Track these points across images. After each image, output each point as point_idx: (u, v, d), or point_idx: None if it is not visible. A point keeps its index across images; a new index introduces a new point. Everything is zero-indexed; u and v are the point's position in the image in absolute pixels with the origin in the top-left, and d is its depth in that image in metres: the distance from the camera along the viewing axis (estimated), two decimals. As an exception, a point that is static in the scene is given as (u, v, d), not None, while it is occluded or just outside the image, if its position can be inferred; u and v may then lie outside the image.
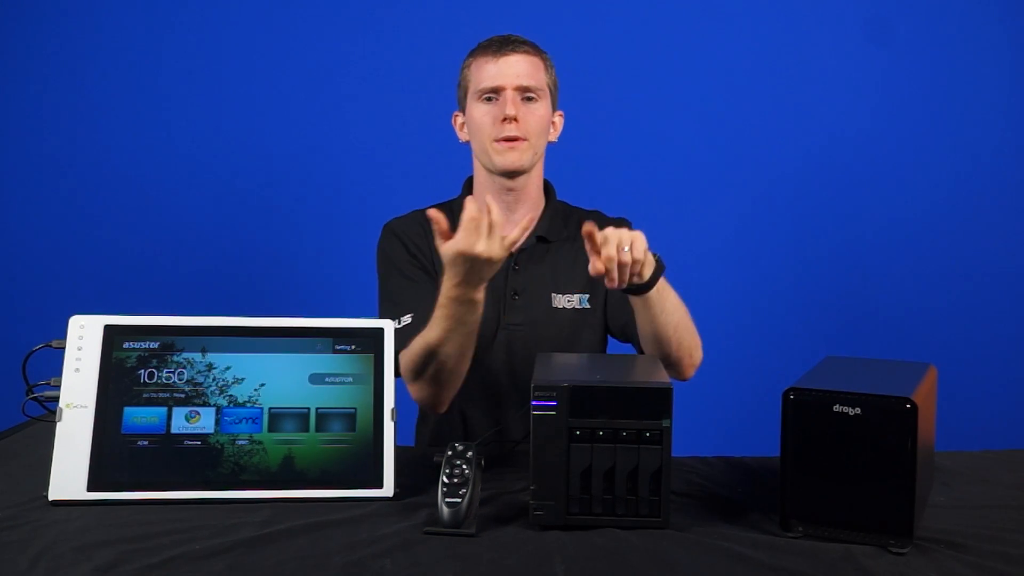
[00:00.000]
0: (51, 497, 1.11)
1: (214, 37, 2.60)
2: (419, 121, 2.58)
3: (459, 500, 1.03)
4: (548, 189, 1.65)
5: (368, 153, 2.61)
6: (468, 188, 1.63)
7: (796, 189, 2.71)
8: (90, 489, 1.12)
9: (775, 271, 2.68)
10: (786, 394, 1.04)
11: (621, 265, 1.19)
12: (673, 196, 2.65)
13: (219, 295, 2.55)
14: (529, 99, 1.51)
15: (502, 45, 1.52)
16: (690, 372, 1.45)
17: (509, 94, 1.49)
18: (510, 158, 1.51)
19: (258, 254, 2.63)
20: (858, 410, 1.00)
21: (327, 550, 0.97)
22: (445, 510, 1.03)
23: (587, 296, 1.58)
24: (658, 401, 1.04)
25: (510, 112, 1.48)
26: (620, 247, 1.19)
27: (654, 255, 1.28)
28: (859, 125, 2.69)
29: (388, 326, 1.23)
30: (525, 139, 1.50)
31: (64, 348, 1.17)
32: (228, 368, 1.18)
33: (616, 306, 1.56)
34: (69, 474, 1.12)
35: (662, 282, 1.31)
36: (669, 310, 1.35)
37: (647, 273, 1.26)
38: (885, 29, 2.66)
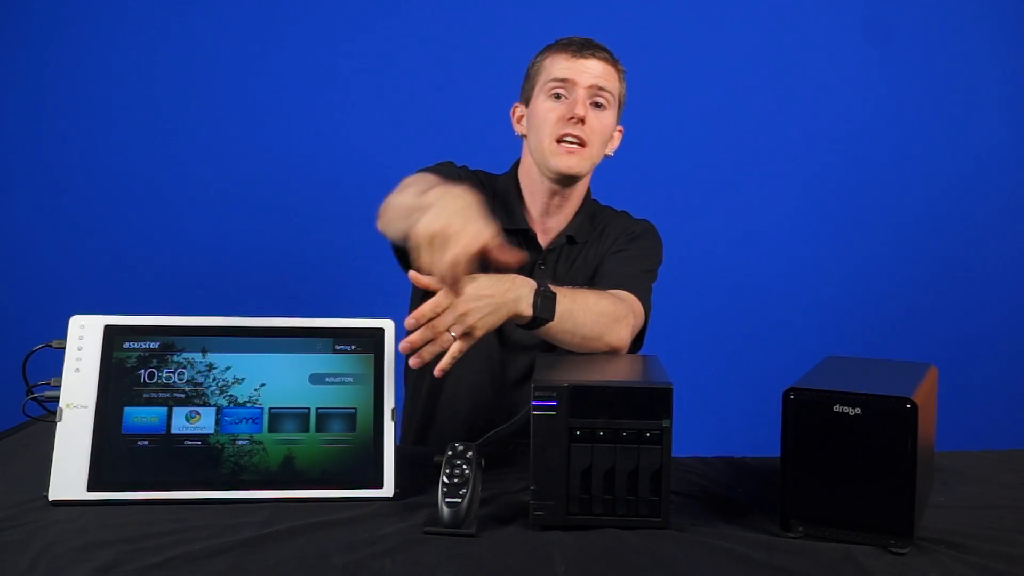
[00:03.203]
0: (51, 497, 1.11)
1: (213, 37, 2.60)
2: (422, 120, 2.59)
3: (459, 500, 1.03)
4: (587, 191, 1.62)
5: (369, 152, 2.61)
6: (514, 171, 1.59)
7: (796, 189, 2.71)
8: (90, 489, 1.12)
9: (776, 271, 2.69)
10: (786, 394, 1.04)
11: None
12: (673, 196, 2.65)
13: (219, 295, 2.55)
14: (598, 105, 1.47)
15: (582, 47, 1.47)
16: (623, 347, 1.35)
17: (581, 93, 1.45)
18: (568, 161, 1.46)
19: (258, 254, 2.63)
20: (858, 410, 1.00)
21: (327, 550, 0.97)
22: (445, 510, 1.03)
23: None
24: (658, 401, 1.04)
25: (579, 112, 1.43)
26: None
27: (541, 291, 1.21)
28: (859, 126, 2.70)
29: (388, 326, 1.23)
30: (587, 144, 1.46)
31: (64, 348, 1.16)
32: (228, 368, 1.18)
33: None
34: (69, 474, 1.12)
35: (563, 307, 1.23)
36: (580, 325, 1.27)
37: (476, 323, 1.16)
38: (885, 29, 2.66)
